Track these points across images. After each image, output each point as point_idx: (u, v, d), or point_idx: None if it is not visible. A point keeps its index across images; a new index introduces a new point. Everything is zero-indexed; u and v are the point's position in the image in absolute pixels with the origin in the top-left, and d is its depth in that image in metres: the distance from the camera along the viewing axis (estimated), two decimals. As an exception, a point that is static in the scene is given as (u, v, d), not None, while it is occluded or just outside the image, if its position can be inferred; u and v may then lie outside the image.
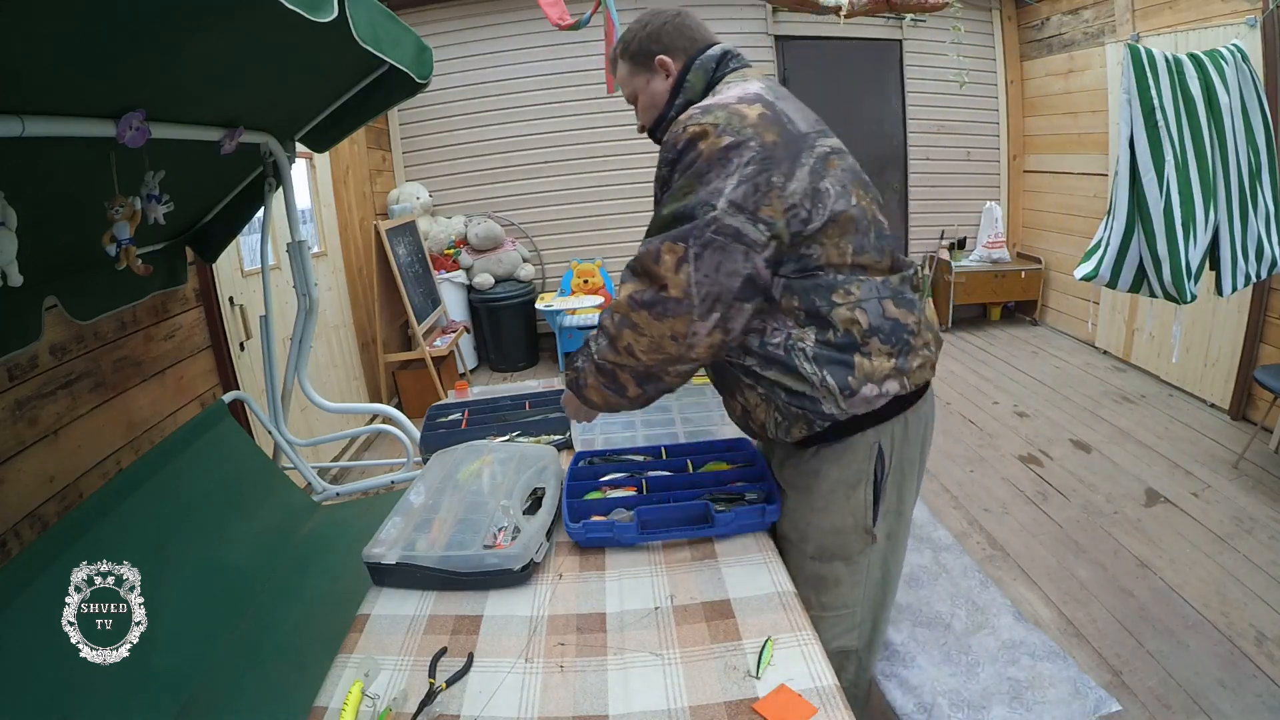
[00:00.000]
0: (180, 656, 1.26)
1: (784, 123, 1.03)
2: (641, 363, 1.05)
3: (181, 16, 1.01)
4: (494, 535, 1.13)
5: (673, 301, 0.99)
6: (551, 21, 2.76)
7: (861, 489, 1.12)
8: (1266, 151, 2.34)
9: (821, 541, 1.15)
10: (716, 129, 1.00)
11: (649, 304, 1.00)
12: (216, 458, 1.74)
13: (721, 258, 0.98)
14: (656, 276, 1.00)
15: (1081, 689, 1.29)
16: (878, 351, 1.05)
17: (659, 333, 1.01)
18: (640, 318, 1.01)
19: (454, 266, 4.71)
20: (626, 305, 1.03)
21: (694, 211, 0.98)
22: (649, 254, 1.01)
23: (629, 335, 1.03)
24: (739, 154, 0.99)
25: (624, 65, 1.23)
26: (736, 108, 1.02)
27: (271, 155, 1.88)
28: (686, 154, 1.02)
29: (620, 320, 1.04)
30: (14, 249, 1.04)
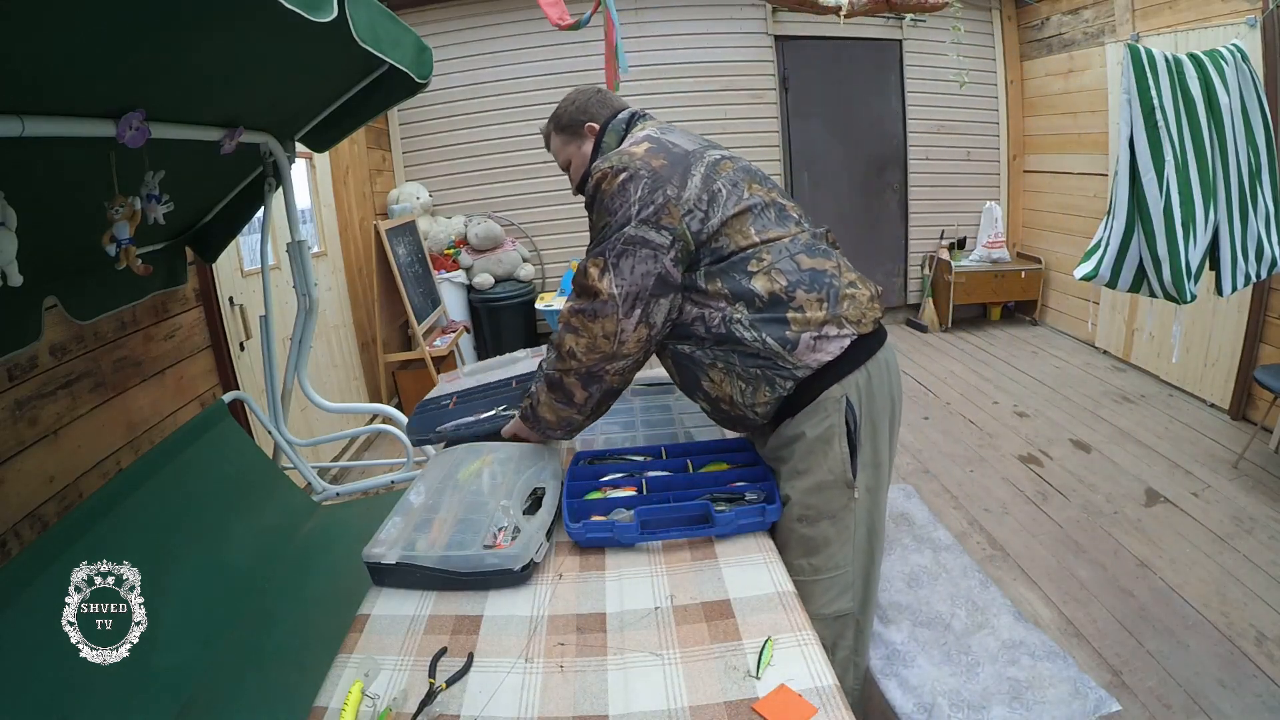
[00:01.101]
0: (180, 656, 1.26)
1: (669, 148, 1.24)
2: (583, 363, 1.21)
3: (182, 17, 1.01)
4: (494, 535, 1.13)
5: (601, 303, 1.18)
6: (551, 21, 2.76)
7: (836, 443, 1.19)
8: (1266, 151, 2.34)
9: (805, 501, 1.21)
10: (613, 170, 1.20)
11: (583, 310, 1.19)
12: (216, 458, 1.74)
13: (634, 262, 1.17)
14: (587, 288, 1.19)
15: (1081, 689, 1.29)
16: (807, 302, 1.17)
17: (594, 332, 1.19)
18: (578, 321, 1.20)
19: (454, 266, 4.71)
20: (567, 314, 1.22)
21: (609, 234, 1.19)
22: (580, 272, 1.21)
23: (570, 339, 1.21)
24: (633, 182, 1.18)
25: (557, 138, 1.46)
26: (627, 149, 1.25)
27: (271, 155, 1.88)
28: (596, 195, 1.22)
29: (563, 328, 1.23)
30: (14, 249, 1.04)
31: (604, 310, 1.17)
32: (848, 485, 1.20)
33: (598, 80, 3.58)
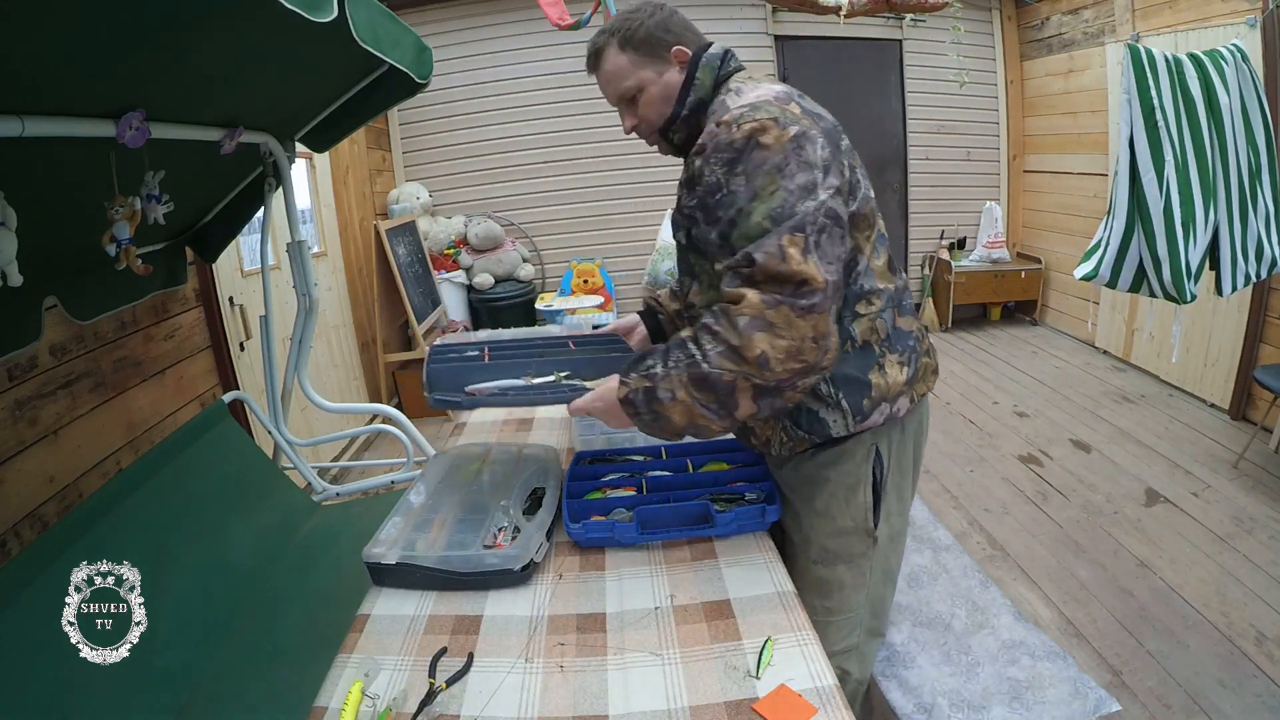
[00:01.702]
0: (180, 656, 1.26)
1: (818, 116, 1.01)
2: (775, 374, 0.91)
3: (182, 17, 1.01)
4: (494, 535, 1.13)
5: (813, 293, 0.89)
6: (551, 21, 2.76)
7: (861, 491, 1.12)
8: (1266, 151, 2.34)
9: (824, 544, 1.15)
10: (778, 122, 0.94)
11: (789, 302, 0.89)
12: (216, 458, 1.74)
13: (834, 244, 0.93)
14: (788, 274, 0.89)
15: (1081, 689, 1.29)
16: (891, 364, 1.05)
17: (800, 334, 0.90)
18: (779, 315, 0.89)
19: (454, 266, 4.71)
20: (760, 304, 0.89)
21: (794, 204, 0.91)
22: (770, 256, 0.90)
23: (763, 340, 0.89)
24: (810, 141, 0.94)
25: (624, 57, 1.09)
26: (779, 105, 0.97)
27: (271, 155, 1.88)
28: (750, 152, 0.93)
29: (751, 322, 0.90)
30: (14, 249, 1.04)
31: (819, 304, 0.89)
32: (868, 534, 1.14)
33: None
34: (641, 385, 1.00)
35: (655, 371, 0.99)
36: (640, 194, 4.97)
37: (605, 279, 4.97)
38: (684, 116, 1.09)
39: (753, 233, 0.93)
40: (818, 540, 1.15)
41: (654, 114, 1.12)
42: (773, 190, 0.92)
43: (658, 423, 1.00)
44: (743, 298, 0.91)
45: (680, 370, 0.96)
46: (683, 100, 1.09)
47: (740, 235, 0.94)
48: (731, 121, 0.96)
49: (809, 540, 1.16)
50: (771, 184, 0.92)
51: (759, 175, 0.93)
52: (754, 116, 0.95)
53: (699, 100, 1.08)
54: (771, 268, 0.90)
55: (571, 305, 4.61)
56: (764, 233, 0.91)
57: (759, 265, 0.91)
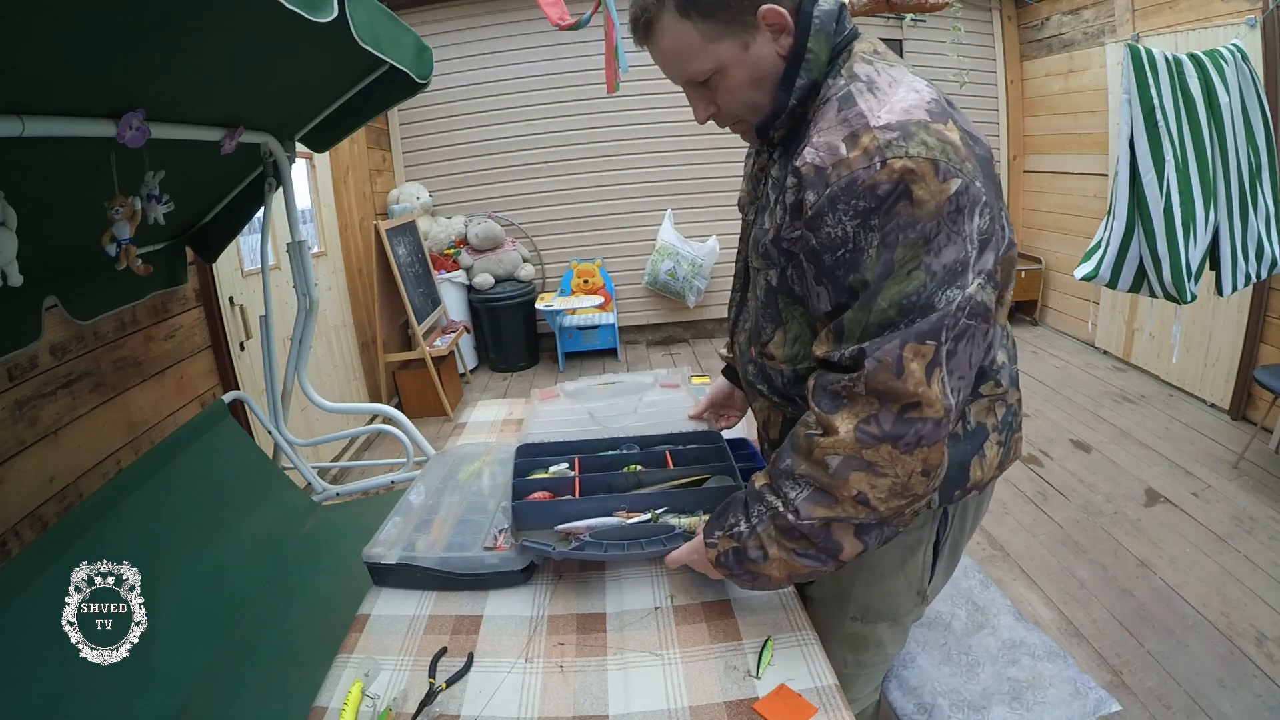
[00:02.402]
0: (180, 656, 1.26)
1: (974, 142, 0.76)
2: (875, 512, 0.77)
3: (182, 17, 1.01)
4: (495, 537, 1.13)
5: (931, 424, 0.73)
6: (551, 21, 2.76)
7: (921, 552, 0.98)
8: (1266, 151, 2.34)
9: (867, 603, 1.02)
10: (936, 167, 0.70)
11: (895, 435, 0.73)
12: (216, 458, 1.74)
13: (971, 349, 0.74)
14: (901, 394, 0.72)
15: (1081, 689, 1.29)
16: (991, 446, 0.90)
17: (908, 470, 0.74)
18: (880, 454, 0.74)
19: (454, 266, 4.71)
20: (854, 443, 0.74)
21: (933, 294, 0.71)
22: (883, 366, 0.71)
23: (861, 480, 0.75)
24: (971, 202, 0.71)
25: (689, 27, 0.79)
26: (937, 129, 0.72)
27: (271, 155, 1.88)
28: (895, 205, 0.70)
29: (845, 464, 0.75)
30: (14, 249, 1.04)
31: (934, 433, 0.74)
32: (919, 594, 1.02)
33: (598, 83, 3.58)
34: (729, 546, 0.87)
35: (739, 530, 0.85)
36: (640, 194, 4.97)
37: (605, 279, 4.98)
38: (791, 108, 0.82)
39: (873, 321, 0.73)
40: (860, 598, 1.02)
41: (741, 103, 0.84)
42: (911, 269, 0.71)
43: (757, 581, 0.87)
44: (834, 430, 0.75)
45: (765, 524, 0.82)
46: (790, 85, 0.81)
47: (854, 319, 0.74)
48: (875, 151, 0.71)
49: (847, 597, 1.02)
50: (913, 259, 0.70)
51: (901, 244, 0.70)
52: (906, 151, 0.70)
53: (811, 83, 0.81)
54: (881, 381, 0.72)
55: (571, 305, 4.61)
56: (888, 325, 0.72)
57: (866, 374, 0.72)
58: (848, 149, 0.72)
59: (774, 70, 0.81)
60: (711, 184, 4.93)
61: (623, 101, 4.51)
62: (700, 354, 4.98)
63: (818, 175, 0.74)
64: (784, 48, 0.80)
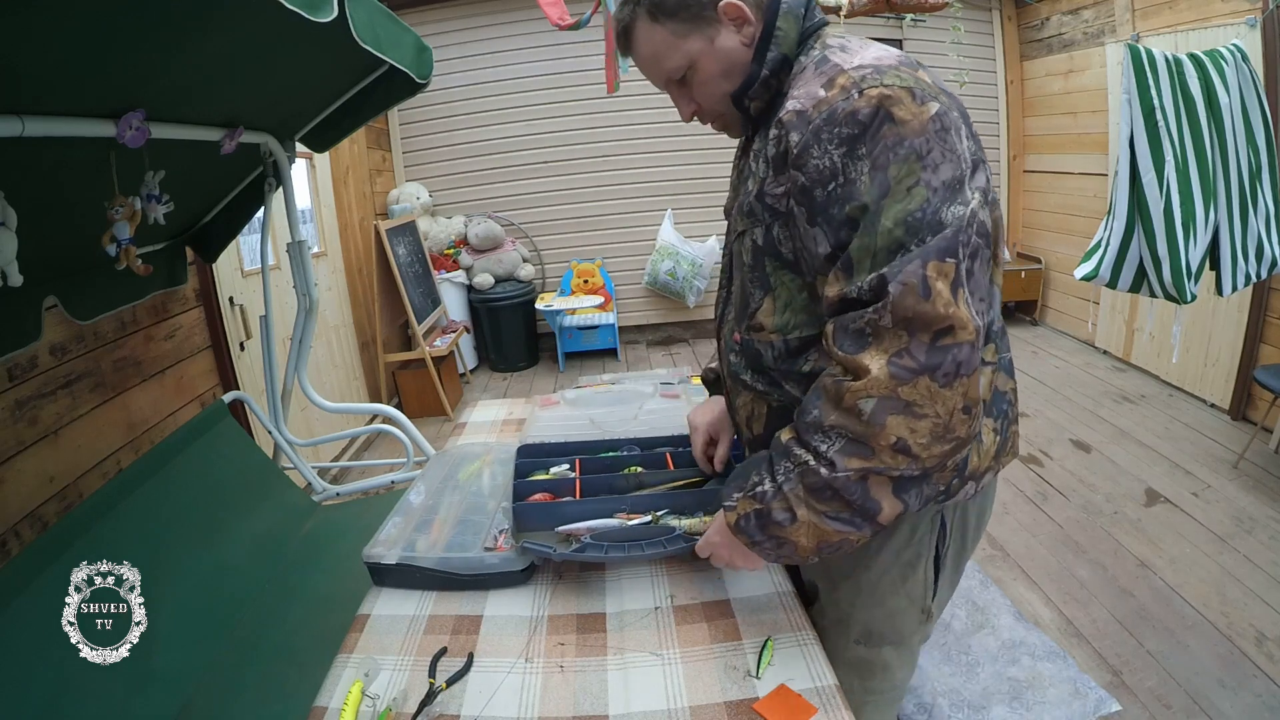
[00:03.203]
0: (180, 656, 1.26)
1: (949, 97, 0.76)
2: (918, 460, 0.70)
3: (182, 17, 1.01)
4: (495, 537, 1.13)
5: (967, 349, 0.68)
6: (551, 21, 2.76)
7: (921, 568, 0.93)
8: (1266, 151, 2.34)
9: (870, 626, 0.97)
10: (912, 92, 0.71)
11: (932, 366, 0.67)
12: (216, 458, 1.74)
13: (983, 269, 0.72)
14: (932, 318, 0.67)
15: (1081, 689, 1.29)
16: (988, 430, 0.85)
17: (949, 407, 0.68)
18: (919, 390, 0.68)
19: (454, 266, 4.71)
20: (889, 379, 0.68)
21: (939, 209, 0.68)
22: (908, 289, 0.67)
23: (899, 425, 0.69)
24: (953, 124, 0.72)
25: (660, 30, 0.85)
26: (908, 70, 0.74)
27: (271, 155, 1.88)
28: (880, 127, 0.70)
29: (881, 406, 0.68)
30: (14, 249, 1.04)
31: (970, 360, 0.68)
32: (923, 611, 0.96)
33: (598, 83, 3.58)
34: (750, 508, 0.80)
35: (763, 490, 0.79)
36: (640, 194, 4.97)
37: (605, 279, 4.98)
38: (764, 78, 0.83)
39: (881, 245, 0.69)
40: (861, 620, 0.97)
41: (715, 93, 0.88)
42: (911, 184, 0.69)
43: (782, 549, 0.80)
44: (864, 371, 0.69)
45: (793, 483, 0.76)
46: (762, 56, 0.83)
47: (862, 247, 0.70)
48: (851, 85, 0.72)
49: (848, 620, 0.97)
50: (910, 175, 0.69)
51: (893, 161, 0.69)
52: (881, 81, 0.71)
53: (782, 56, 0.83)
54: (909, 307, 0.67)
55: (571, 305, 4.61)
56: (898, 247, 0.68)
57: (892, 300, 0.67)
58: (825, 90, 0.74)
59: (741, 60, 0.85)
60: (711, 184, 4.93)
61: (623, 101, 4.50)
62: (700, 354, 4.98)
63: (799, 118, 0.75)
64: (748, 37, 0.84)
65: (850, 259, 0.72)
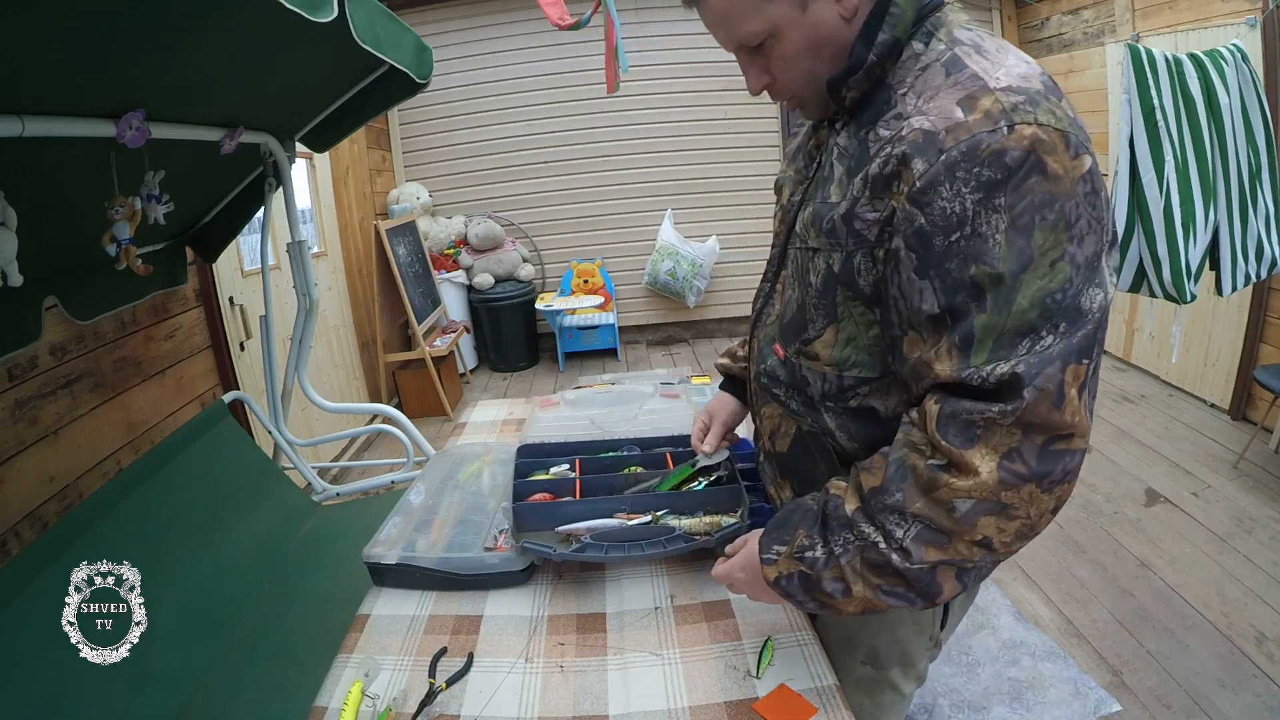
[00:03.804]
0: (180, 656, 1.26)
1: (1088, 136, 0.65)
2: (995, 554, 0.66)
3: (182, 17, 1.01)
4: (495, 537, 1.13)
5: (1079, 457, 0.62)
6: (551, 21, 2.76)
7: None
8: (1266, 151, 2.34)
9: (877, 650, 0.94)
10: (1067, 140, 0.60)
11: (1042, 474, 0.61)
12: (216, 458, 1.74)
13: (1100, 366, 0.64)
14: (1057, 426, 0.60)
15: (1082, 689, 1.29)
16: None
17: (1041, 509, 0.63)
18: (1020, 495, 0.62)
19: (454, 266, 4.71)
20: (997, 485, 0.61)
21: (1080, 297, 0.59)
22: (1044, 396, 0.59)
23: (990, 524, 0.63)
24: (1102, 185, 0.62)
25: None
26: (1060, 104, 0.63)
27: (271, 155, 1.88)
28: (1025, 177, 0.59)
29: (977, 508, 0.62)
30: (14, 249, 1.04)
31: (1078, 468, 0.63)
32: (931, 639, 0.94)
33: (598, 83, 3.58)
34: (794, 570, 0.74)
35: (813, 556, 0.72)
36: (640, 194, 4.97)
37: (605, 279, 4.98)
38: (871, 65, 0.70)
39: (1010, 327, 0.60)
40: (868, 643, 0.93)
41: (798, 72, 0.74)
42: (1055, 259, 0.59)
43: (824, 610, 0.75)
44: (972, 472, 0.62)
45: (851, 556, 0.69)
46: (871, 38, 0.69)
47: (989, 325, 0.60)
48: (1000, 115, 0.60)
49: (855, 641, 0.94)
50: (1056, 247, 0.59)
51: (1039, 226, 0.59)
52: (1035, 118, 0.59)
53: (894, 40, 0.69)
54: (1040, 415, 0.60)
55: (571, 305, 4.61)
56: (1029, 331, 0.59)
57: (1026, 405, 0.59)
58: (965, 112, 0.61)
59: (836, 35, 0.70)
60: (711, 184, 4.93)
61: (623, 101, 4.51)
62: (700, 354, 4.98)
63: (927, 140, 0.62)
64: (848, 9, 0.69)
65: (972, 335, 0.61)
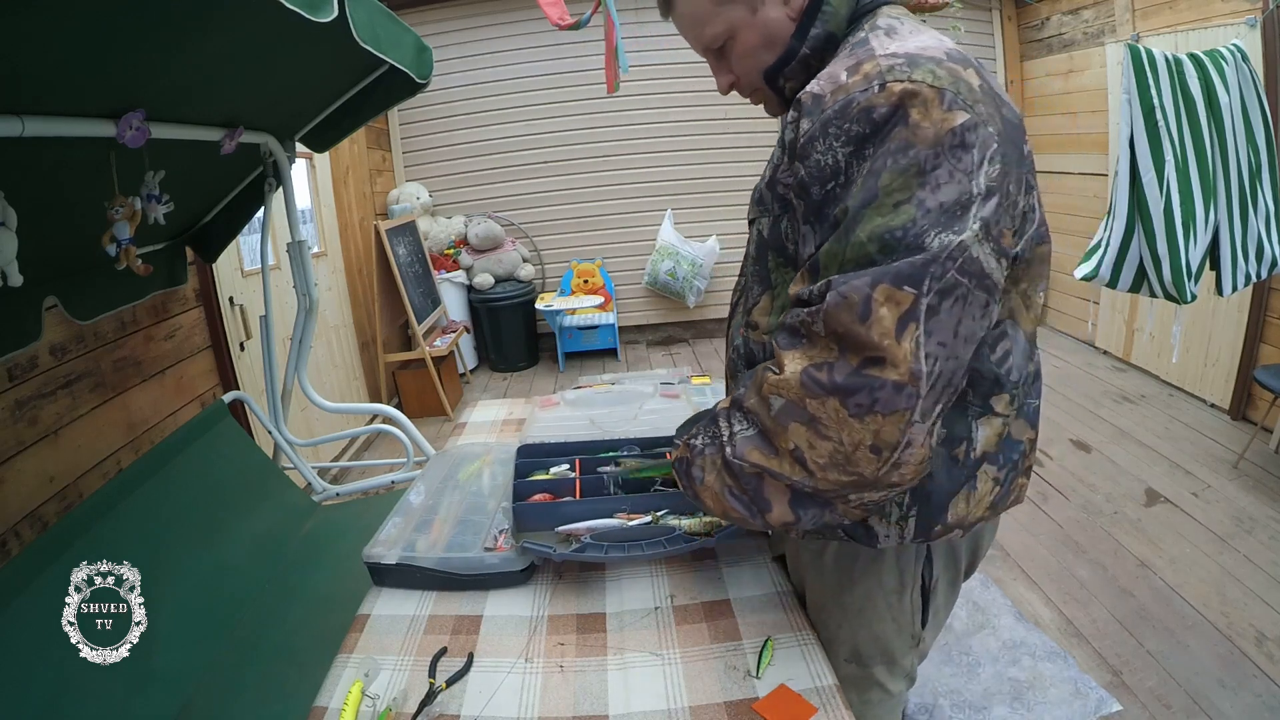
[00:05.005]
0: (180, 656, 1.26)
1: (1000, 103, 0.68)
2: (812, 478, 0.67)
3: (182, 17, 1.01)
4: (495, 537, 1.13)
5: (890, 388, 0.62)
6: (551, 21, 2.76)
7: (908, 595, 0.89)
8: (1266, 151, 2.34)
9: (858, 648, 0.94)
10: (942, 95, 0.62)
11: (845, 389, 0.62)
12: (216, 458, 1.74)
13: (963, 313, 0.63)
14: (863, 343, 0.62)
15: (1082, 689, 1.29)
16: (985, 478, 0.79)
17: (855, 438, 0.64)
18: (825, 409, 0.64)
19: (454, 266, 4.71)
20: (799, 386, 0.65)
21: (923, 237, 0.61)
22: (847, 303, 0.62)
23: (800, 434, 0.66)
24: (980, 141, 0.63)
25: None
26: (951, 66, 0.65)
27: (271, 155, 1.88)
28: (892, 128, 0.63)
29: (786, 409, 0.66)
30: (14, 249, 1.04)
31: (893, 401, 0.62)
32: (913, 637, 0.93)
33: (598, 83, 3.58)
34: (682, 455, 0.82)
35: (695, 444, 0.80)
36: (640, 194, 4.97)
37: (605, 279, 4.98)
38: (803, 56, 0.77)
39: (849, 257, 0.64)
40: (848, 640, 0.93)
41: (754, 67, 0.82)
42: (901, 200, 0.62)
43: (698, 501, 0.82)
44: (781, 368, 0.67)
45: (713, 449, 0.76)
46: (804, 32, 0.76)
47: (830, 253, 0.65)
48: (875, 75, 0.64)
49: (835, 639, 0.94)
50: (903, 189, 0.62)
51: (889, 169, 0.62)
52: (910, 75, 0.63)
53: (828, 34, 0.76)
54: (842, 322, 0.62)
55: (571, 305, 4.61)
56: (865, 264, 0.63)
57: (826, 308, 0.63)
58: (848, 76, 0.67)
59: (785, 33, 0.78)
60: (711, 184, 4.93)
61: (623, 101, 4.51)
62: (700, 354, 4.98)
63: (814, 102, 0.68)
64: (795, 10, 0.77)
65: (818, 261, 0.67)
